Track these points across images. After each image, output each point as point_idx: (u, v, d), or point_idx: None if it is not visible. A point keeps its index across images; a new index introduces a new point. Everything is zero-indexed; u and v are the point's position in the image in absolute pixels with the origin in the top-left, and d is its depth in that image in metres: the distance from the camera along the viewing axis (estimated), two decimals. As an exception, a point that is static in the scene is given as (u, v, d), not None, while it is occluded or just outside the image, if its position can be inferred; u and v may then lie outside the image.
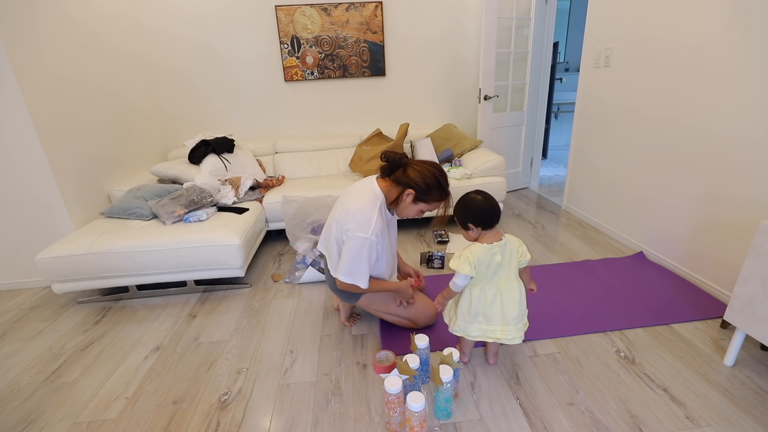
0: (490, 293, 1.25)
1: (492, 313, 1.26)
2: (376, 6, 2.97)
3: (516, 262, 1.25)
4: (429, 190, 1.35)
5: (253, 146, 3.02)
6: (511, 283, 1.25)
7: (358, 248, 1.33)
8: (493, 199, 1.26)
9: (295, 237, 2.19)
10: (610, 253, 2.26)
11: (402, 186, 1.37)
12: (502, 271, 1.24)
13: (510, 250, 1.24)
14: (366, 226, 1.32)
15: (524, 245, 1.28)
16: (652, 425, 1.15)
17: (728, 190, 1.67)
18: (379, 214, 1.35)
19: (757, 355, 1.41)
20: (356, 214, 1.33)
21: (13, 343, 1.72)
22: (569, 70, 5.10)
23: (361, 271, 1.35)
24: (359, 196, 1.38)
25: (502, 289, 1.25)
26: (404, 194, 1.37)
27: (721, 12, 1.62)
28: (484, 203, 1.23)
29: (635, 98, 2.16)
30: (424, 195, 1.36)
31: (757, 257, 1.21)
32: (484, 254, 1.21)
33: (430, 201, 1.38)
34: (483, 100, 2.95)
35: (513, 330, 1.27)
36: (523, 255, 1.26)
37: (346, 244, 1.35)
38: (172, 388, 1.40)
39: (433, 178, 1.34)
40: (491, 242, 1.22)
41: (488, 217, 1.22)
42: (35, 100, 1.93)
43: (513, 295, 1.25)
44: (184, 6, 2.87)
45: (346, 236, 1.35)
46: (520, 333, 1.28)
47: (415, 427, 1.09)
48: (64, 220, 2.10)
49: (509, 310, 1.25)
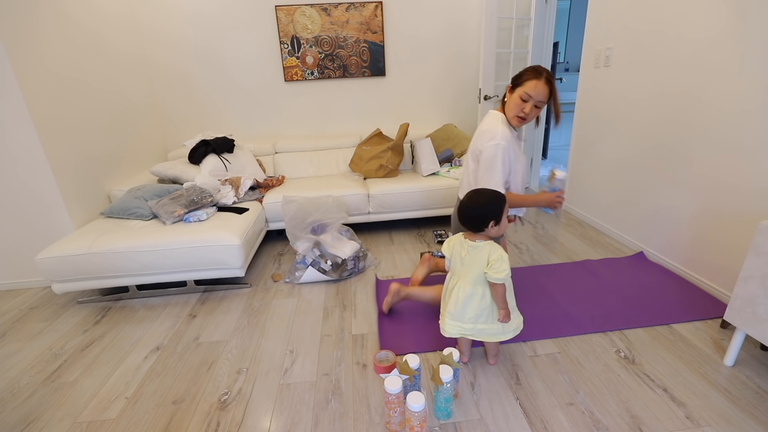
0: (452, 283, 1.34)
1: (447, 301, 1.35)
2: (376, 6, 2.97)
3: (478, 269, 1.25)
4: (520, 74, 1.49)
5: (253, 146, 3.02)
6: (466, 285, 1.29)
7: (492, 156, 1.48)
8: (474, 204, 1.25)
9: (295, 237, 2.19)
10: (610, 253, 2.26)
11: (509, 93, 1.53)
12: (462, 269, 1.30)
13: (477, 257, 1.25)
14: (492, 136, 1.50)
15: (503, 262, 1.21)
16: (652, 425, 1.15)
17: (728, 190, 1.67)
18: (503, 124, 1.52)
19: (757, 355, 1.41)
20: (484, 132, 1.54)
21: (13, 343, 1.72)
22: (569, 70, 5.10)
23: (497, 175, 1.48)
24: (483, 124, 1.60)
25: (457, 285, 1.31)
26: (507, 93, 1.54)
27: (722, 12, 1.62)
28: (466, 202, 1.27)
29: (635, 98, 2.16)
30: (517, 79, 1.49)
31: (757, 257, 1.21)
32: (454, 240, 1.33)
33: (524, 82, 1.46)
34: (483, 100, 2.95)
35: (447, 323, 1.33)
36: (492, 269, 1.21)
37: (482, 156, 1.52)
38: (172, 388, 1.40)
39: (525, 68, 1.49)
40: (473, 239, 1.28)
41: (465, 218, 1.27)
42: (35, 100, 1.93)
43: (459, 294, 1.30)
44: (184, 6, 2.87)
45: (480, 152, 1.53)
46: (453, 330, 1.33)
47: (415, 427, 1.09)
48: (64, 220, 2.10)
49: (450, 304, 1.32)
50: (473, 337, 1.33)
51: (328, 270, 2.05)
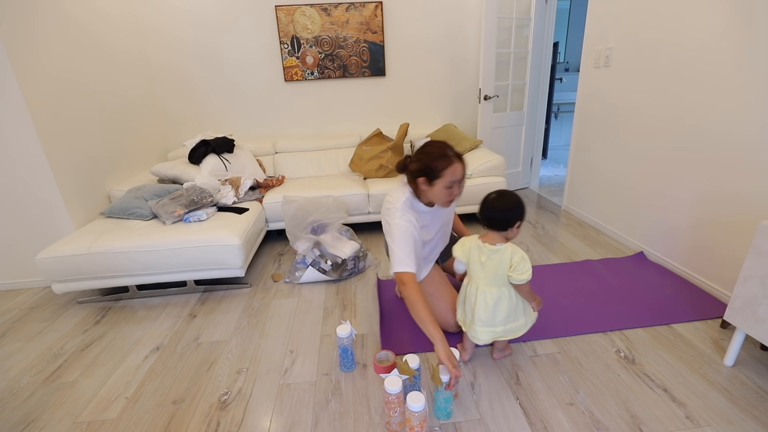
0: (472, 289, 1.33)
1: (469, 307, 1.35)
2: (376, 6, 2.97)
3: (503, 273, 1.24)
4: (431, 167, 1.33)
5: (253, 146, 3.02)
6: (491, 288, 1.28)
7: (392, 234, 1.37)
8: (503, 205, 1.24)
9: (295, 237, 2.19)
10: (610, 253, 2.26)
11: (414, 182, 1.39)
12: (483, 273, 1.28)
13: (499, 259, 1.24)
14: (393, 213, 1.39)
15: (526, 262, 1.21)
16: (652, 425, 1.15)
17: (728, 190, 1.67)
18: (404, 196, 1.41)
19: (757, 355, 1.41)
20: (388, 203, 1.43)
21: (13, 343, 1.72)
22: (569, 70, 5.10)
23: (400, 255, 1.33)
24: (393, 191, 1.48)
25: (479, 291, 1.30)
26: (418, 184, 1.38)
27: (722, 11, 1.62)
28: (493, 203, 1.26)
29: (635, 98, 2.16)
30: (432, 173, 1.34)
31: (757, 257, 1.21)
32: (473, 247, 1.30)
33: (441, 173, 1.33)
34: (483, 100, 2.95)
35: (479, 330, 1.32)
36: (516, 271, 1.21)
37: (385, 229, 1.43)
38: (172, 388, 1.40)
39: (426, 155, 1.35)
40: (492, 242, 1.25)
41: (490, 218, 1.26)
42: (35, 100, 1.93)
43: (487, 300, 1.29)
44: (184, 6, 2.87)
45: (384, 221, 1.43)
46: (486, 337, 1.32)
47: (415, 427, 1.09)
48: (64, 220, 2.10)
49: (478, 311, 1.30)
50: (503, 338, 1.34)
51: (328, 270, 2.05)
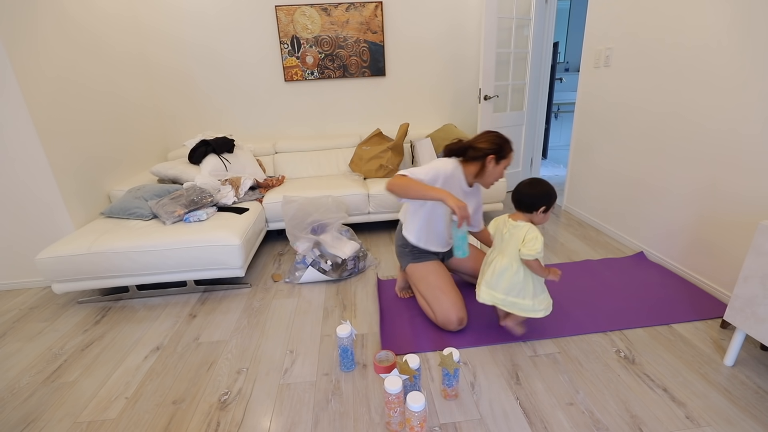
0: (491, 256, 1.50)
1: (484, 269, 1.51)
2: (376, 6, 2.97)
3: (514, 246, 1.38)
4: (502, 148, 1.54)
5: (253, 146, 3.02)
6: (503, 259, 1.43)
7: (429, 166, 1.52)
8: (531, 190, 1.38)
9: (295, 237, 2.19)
10: (610, 253, 2.26)
11: (480, 158, 1.55)
12: (501, 244, 1.45)
13: (515, 235, 1.38)
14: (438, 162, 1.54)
15: (537, 242, 1.33)
16: (652, 425, 1.15)
17: (729, 190, 1.67)
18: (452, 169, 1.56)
19: (757, 355, 1.41)
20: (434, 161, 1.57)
21: (13, 343, 1.72)
22: (569, 70, 5.10)
23: (417, 172, 1.49)
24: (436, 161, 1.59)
25: (494, 258, 1.46)
26: (487, 161, 1.54)
27: (722, 11, 1.62)
28: (523, 187, 1.40)
29: (635, 98, 2.16)
30: (501, 152, 1.54)
31: (757, 257, 1.21)
32: (499, 219, 1.49)
33: (507, 155, 1.55)
34: (483, 100, 2.95)
35: (482, 289, 1.47)
36: (525, 246, 1.34)
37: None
38: (172, 388, 1.40)
39: (498, 137, 1.55)
40: (516, 220, 1.41)
41: (518, 200, 1.41)
42: (35, 100, 1.93)
43: (495, 266, 1.44)
44: (184, 6, 2.87)
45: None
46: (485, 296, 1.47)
47: (415, 427, 1.09)
48: (64, 220, 2.10)
49: (487, 274, 1.47)
50: (505, 308, 1.46)
51: (328, 270, 2.05)
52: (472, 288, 1.92)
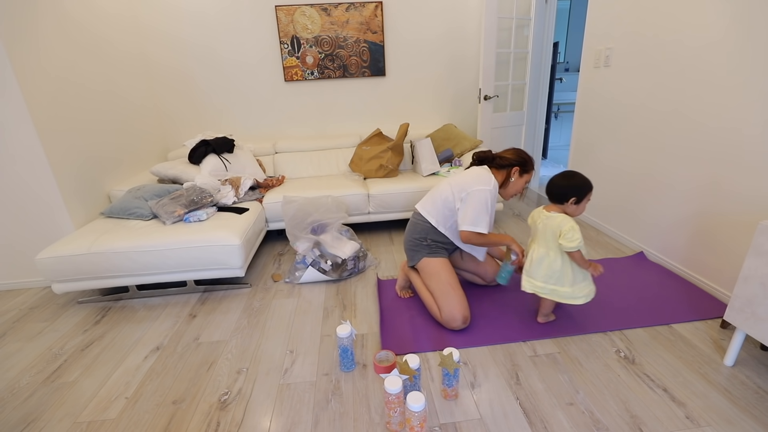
0: (531, 247, 1.57)
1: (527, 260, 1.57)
2: (376, 6, 2.97)
3: (550, 236, 1.45)
4: (526, 162, 1.67)
5: (253, 146, 3.02)
6: (540, 248, 1.50)
7: (482, 200, 1.59)
8: (562, 181, 1.46)
9: (295, 237, 2.19)
10: (610, 253, 2.26)
11: (506, 168, 1.66)
12: (537, 234, 1.52)
13: (550, 225, 1.45)
14: (487, 182, 1.61)
15: (575, 232, 1.39)
16: (652, 425, 1.15)
17: (729, 189, 1.67)
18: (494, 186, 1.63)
19: (757, 355, 1.41)
20: (478, 176, 1.64)
21: (13, 343, 1.72)
22: (569, 70, 5.10)
23: (484, 219, 1.59)
24: (474, 171, 1.67)
25: (533, 248, 1.54)
26: (512, 172, 1.66)
27: (722, 10, 1.62)
28: (556, 179, 1.48)
29: (636, 98, 2.16)
30: (525, 166, 1.67)
31: (757, 257, 1.21)
32: (535, 211, 1.56)
33: (530, 170, 1.68)
34: (483, 100, 2.95)
35: (524, 278, 1.55)
36: (565, 239, 1.40)
37: (470, 197, 1.60)
38: (172, 388, 1.40)
39: (524, 153, 1.68)
40: (548, 210, 1.49)
41: (549, 191, 1.49)
42: (35, 100, 1.93)
43: (533, 255, 1.52)
44: (184, 6, 2.87)
45: (468, 193, 1.61)
46: (526, 284, 1.54)
47: (415, 427, 1.09)
48: (64, 220, 2.10)
49: (527, 263, 1.55)
50: (545, 296, 1.52)
51: (328, 270, 2.05)
52: (472, 288, 1.94)
